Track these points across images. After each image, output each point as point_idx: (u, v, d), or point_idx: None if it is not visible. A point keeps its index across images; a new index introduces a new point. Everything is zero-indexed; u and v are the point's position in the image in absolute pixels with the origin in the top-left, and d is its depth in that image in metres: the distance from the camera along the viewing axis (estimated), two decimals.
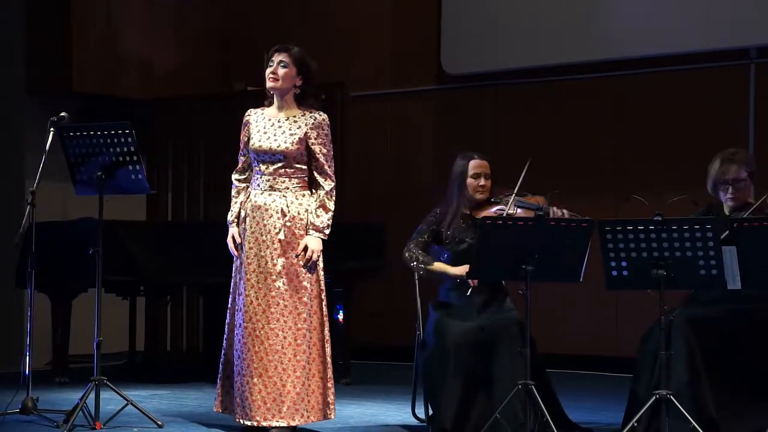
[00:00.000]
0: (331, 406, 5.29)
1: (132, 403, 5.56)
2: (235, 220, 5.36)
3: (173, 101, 9.19)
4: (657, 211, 4.77)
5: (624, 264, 4.80)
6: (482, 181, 5.54)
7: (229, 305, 5.37)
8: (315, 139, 5.26)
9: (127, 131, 5.40)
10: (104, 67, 8.95)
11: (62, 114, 5.60)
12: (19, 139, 8.68)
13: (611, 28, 8.23)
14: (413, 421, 5.76)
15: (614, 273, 4.83)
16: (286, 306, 5.19)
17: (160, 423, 5.53)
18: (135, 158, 5.43)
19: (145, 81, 9.23)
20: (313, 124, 5.27)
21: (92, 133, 5.45)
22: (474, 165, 5.56)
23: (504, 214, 5.31)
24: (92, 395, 5.41)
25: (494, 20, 8.67)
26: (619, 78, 8.34)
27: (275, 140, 5.25)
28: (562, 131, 8.49)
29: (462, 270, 5.35)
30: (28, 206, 5.59)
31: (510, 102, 8.77)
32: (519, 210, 5.38)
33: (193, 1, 9.72)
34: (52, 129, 5.54)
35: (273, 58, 5.29)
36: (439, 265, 5.50)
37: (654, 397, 4.80)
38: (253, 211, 5.27)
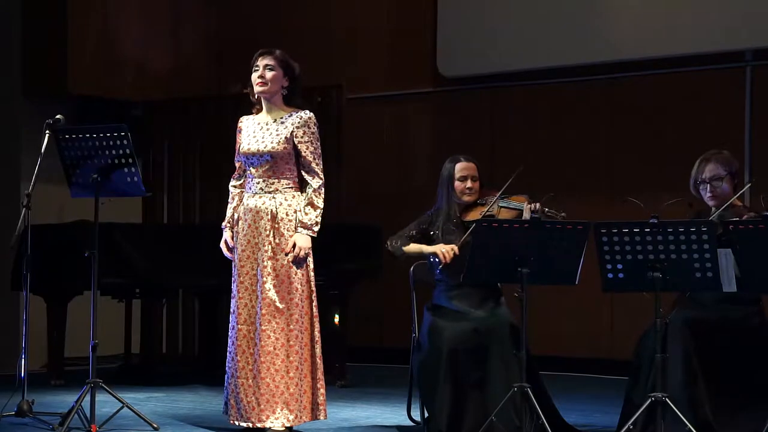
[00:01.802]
0: (321, 407, 5.30)
1: (128, 406, 5.55)
2: (228, 225, 5.39)
3: (169, 103, 9.18)
4: (653, 214, 4.78)
5: (620, 266, 4.80)
6: (469, 183, 5.55)
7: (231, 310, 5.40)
8: (301, 137, 5.27)
9: (123, 133, 5.39)
10: (100, 69, 8.94)
11: (58, 117, 5.59)
12: (14, 141, 8.67)
13: (607, 31, 8.23)
14: (409, 424, 5.76)
15: (610, 275, 4.83)
16: (277, 308, 5.20)
17: (155, 425, 5.52)
18: (131, 160, 5.42)
19: (140, 83, 9.23)
20: (299, 122, 5.28)
21: (88, 135, 5.43)
22: (460, 168, 5.57)
23: (485, 213, 5.34)
24: (88, 398, 5.40)
25: (490, 23, 8.67)
26: (616, 80, 8.34)
27: (262, 142, 5.28)
28: (558, 133, 8.49)
29: (436, 248, 5.40)
30: (24, 209, 5.57)
31: (506, 104, 8.77)
32: (502, 209, 5.40)
33: (189, 3, 9.72)
34: (47, 131, 5.54)
35: (258, 63, 5.30)
36: (413, 246, 5.54)
37: (649, 400, 4.81)
38: (245, 214, 5.31)
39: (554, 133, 8.51)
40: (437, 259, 5.40)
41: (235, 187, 5.47)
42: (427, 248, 5.49)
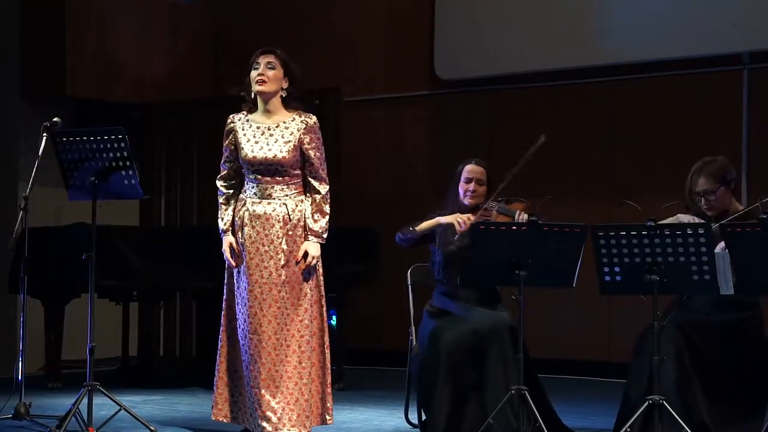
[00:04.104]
0: (330, 412, 5.27)
1: (125, 409, 5.54)
2: (230, 229, 5.26)
3: (167, 106, 9.18)
4: (650, 216, 4.78)
5: (617, 269, 4.80)
6: (473, 186, 5.54)
7: (224, 313, 5.32)
8: (308, 143, 5.17)
9: (121, 136, 5.37)
10: (98, 71, 8.95)
11: (55, 119, 5.58)
12: (12, 143, 8.68)
13: (605, 34, 8.24)
14: (407, 427, 5.76)
15: (607, 278, 4.83)
16: (288, 314, 5.13)
17: (153, 428, 5.51)
18: (128, 163, 5.40)
19: (138, 86, 9.23)
20: (305, 128, 5.18)
21: (85, 138, 5.42)
22: (467, 170, 5.59)
23: (480, 212, 5.35)
24: (85, 400, 5.39)
25: (487, 26, 8.68)
26: (614, 83, 8.35)
27: (269, 149, 5.15)
28: (556, 136, 8.47)
29: (451, 217, 5.39)
30: (22, 211, 5.57)
31: (503, 107, 8.78)
32: (500, 215, 5.41)
33: (187, 5, 9.72)
34: (45, 134, 5.53)
35: (259, 61, 5.18)
36: (426, 223, 5.50)
37: (647, 402, 4.81)
38: (252, 221, 5.17)
39: (552, 136, 8.46)
40: (454, 230, 5.36)
41: (226, 188, 5.31)
42: (443, 219, 5.45)
